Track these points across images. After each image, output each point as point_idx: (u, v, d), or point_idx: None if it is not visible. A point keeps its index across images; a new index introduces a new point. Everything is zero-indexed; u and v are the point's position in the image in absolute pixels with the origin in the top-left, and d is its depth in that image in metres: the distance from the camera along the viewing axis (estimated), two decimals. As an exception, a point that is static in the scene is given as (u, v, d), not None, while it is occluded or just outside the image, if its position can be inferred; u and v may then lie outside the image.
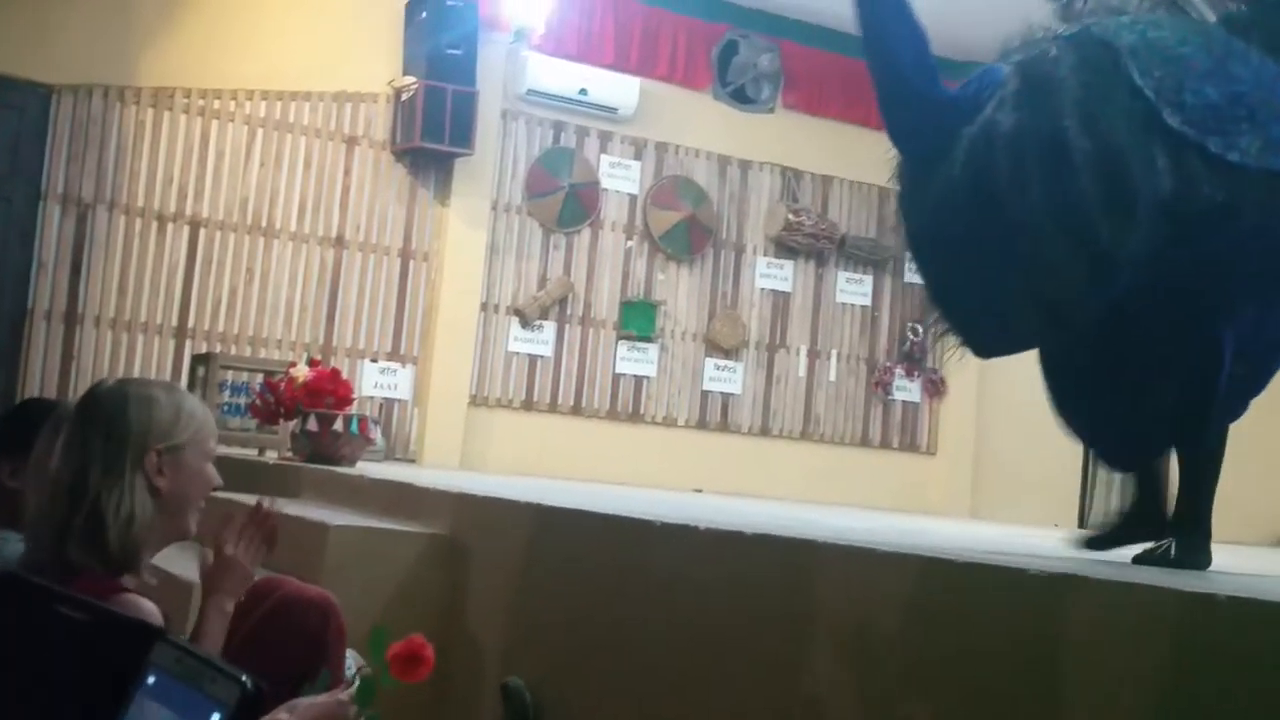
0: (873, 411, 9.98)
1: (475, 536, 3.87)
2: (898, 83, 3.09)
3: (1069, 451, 10.72)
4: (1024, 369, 11.33)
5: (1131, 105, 2.84)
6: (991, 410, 10.24)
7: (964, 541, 3.88)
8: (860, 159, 9.92)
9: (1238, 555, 5.99)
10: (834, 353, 9.86)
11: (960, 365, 10.87)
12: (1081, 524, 10.58)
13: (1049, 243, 2.84)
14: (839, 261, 9.89)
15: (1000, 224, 2.89)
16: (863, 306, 9.98)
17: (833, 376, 9.84)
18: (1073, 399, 3.30)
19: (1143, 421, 3.16)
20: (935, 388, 10.12)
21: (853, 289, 9.95)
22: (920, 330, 10.09)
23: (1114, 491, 10.88)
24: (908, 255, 3.32)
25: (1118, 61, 2.89)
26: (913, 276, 10.05)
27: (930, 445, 10.13)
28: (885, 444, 10.01)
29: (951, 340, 3.29)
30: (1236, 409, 3.19)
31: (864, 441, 9.93)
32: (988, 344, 3.36)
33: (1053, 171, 2.82)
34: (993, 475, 10.22)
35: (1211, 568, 3.14)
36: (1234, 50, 2.97)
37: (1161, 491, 3.27)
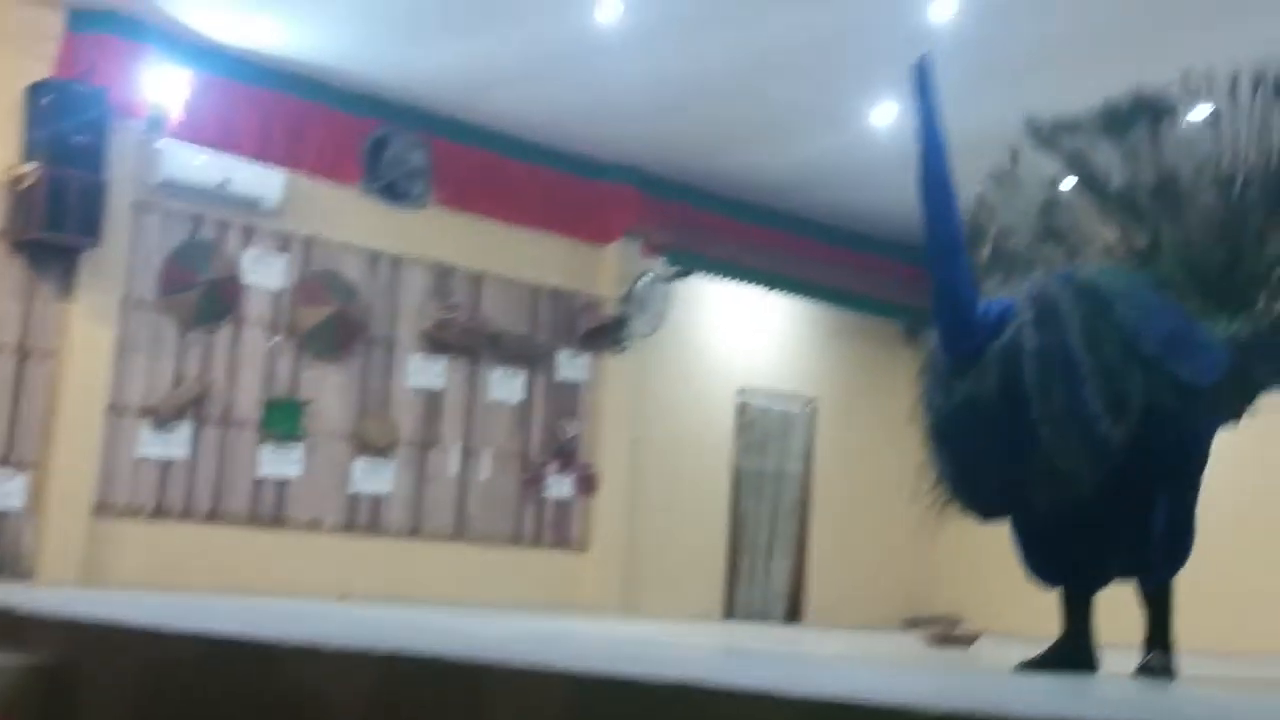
0: (525, 508, 9.97)
1: (85, 667, 3.54)
2: (960, 308, 3.97)
3: (716, 545, 11.17)
4: (676, 462, 11.58)
5: (1117, 334, 3.95)
6: (643, 505, 10.45)
7: (611, 645, 3.86)
8: (512, 256, 10.02)
9: (875, 640, 6.27)
10: (487, 450, 9.81)
11: (611, 459, 11.00)
12: (729, 614, 10.90)
13: (1065, 431, 3.83)
14: (492, 358, 9.89)
15: (1024, 417, 3.83)
16: (516, 403, 9.99)
17: (486, 474, 9.78)
18: (1051, 548, 4.32)
19: (1106, 562, 4.24)
20: (587, 483, 10.22)
21: (505, 386, 9.96)
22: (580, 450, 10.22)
23: (754, 584, 11.33)
24: (928, 439, 4.19)
25: (1106, 301, 4.00)
26: (564, 373, 10.19)
27: (582, 541, 10.20)
28: (537, 541, 10.00)
29: (953, 506, 4.19)
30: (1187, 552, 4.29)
31: (516, 539, 9.90)
32: (993, 510, 4.24)
33: (1066, 379, 3.85)
34: (645, 569, 10.39)
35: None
36: (1161, 296, 4.26)
37: (1093, 625, 4.37)
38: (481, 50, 8.39)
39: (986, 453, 3.99)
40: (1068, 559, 4.31)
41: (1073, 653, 4.31)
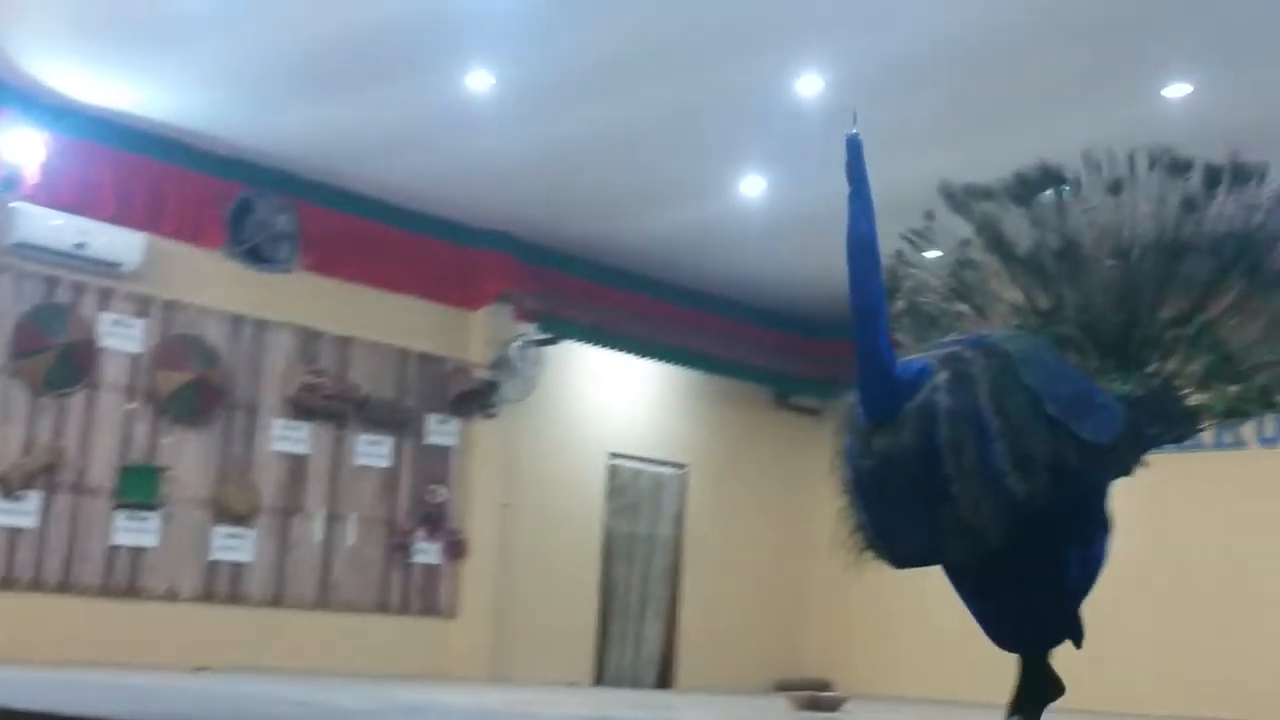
0: (392, 575, 9.80)
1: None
2: (882, 370, 4.17)
3: (587, 611, 11.13)
4: (546, 527, 11.55)
5: (1024, 396, 4.21)
6: (513, 570, 10.35)
7: (478, 714, 3.81)
8: (380, 321, 9.93)
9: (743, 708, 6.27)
10: (353, 516, 9.64)
11: (480, 525, 10.92)
12: (600, 680, 10.82)
13: (975, 487, 4.05)
14: (359, 423, 9.75)
15: (938, 472, 4.06)
16: (383, 468, 9.85)
17: (352, 540, 9.61)
18: (975, 597, 4.51)
19: (1026, 614, 4.47)
20: (456, 549, 10.10)
21: (373, 451, 9.82)
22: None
23: (625, 649, 11.30)
24: (846, 491, 4.35)
25: (1013, 365, 4.28)
26: (433, 438, 10.09)
27: (451, 607, 10.06)
28: (405, 608, 9.84)
29: (869, 553, 4.33)
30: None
31: (383, 607, 9.72)
32: (907, 558, 4.39)
33: (977, 438, 4.09)
34: (515, 635, 10.29)
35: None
36: (1061, 359, 4.59)
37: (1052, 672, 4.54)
38: (350, 114, 8.35)
39: (902, 505, 4.19)
40: (999, 616, 4.54)
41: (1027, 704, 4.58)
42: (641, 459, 11.51)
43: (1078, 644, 4.57)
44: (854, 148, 4.30)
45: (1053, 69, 7.24)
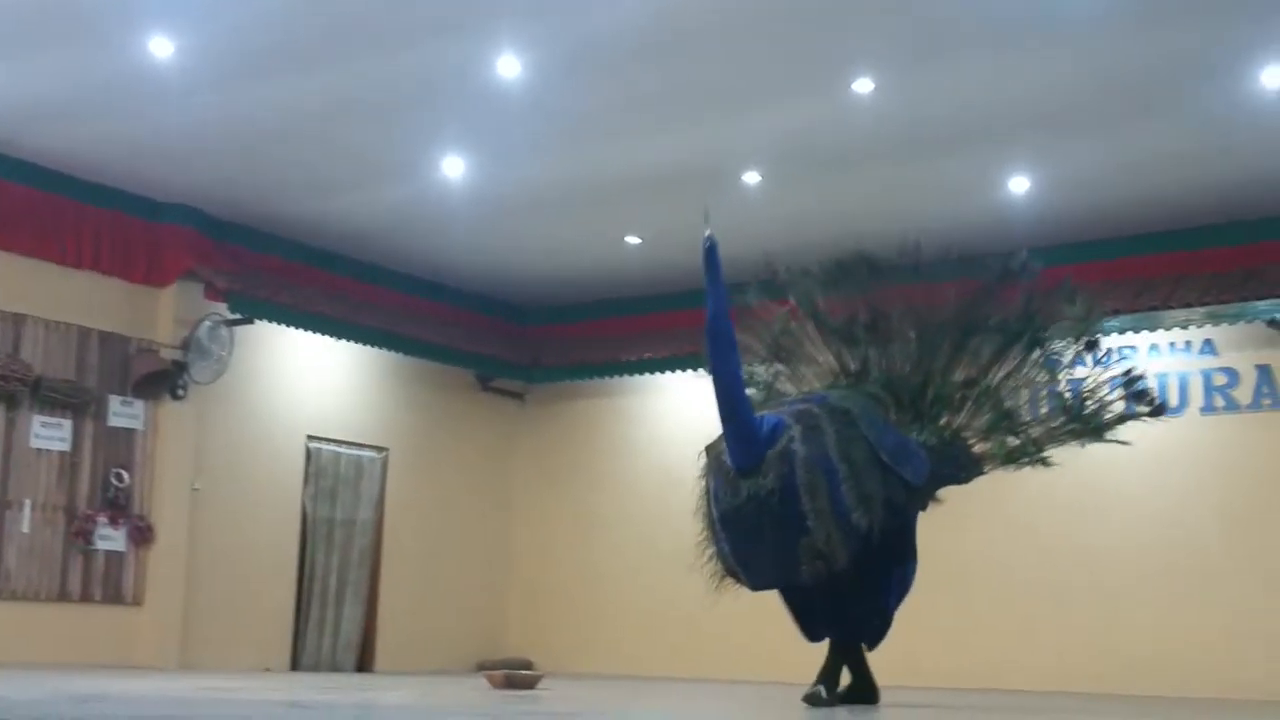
0: (72, 563, 9.34)
1: None
2: (745, 425, 5.10)
3: (284, 596, 10.88)
4: (240, 511, 11.22)
5: (863, 446, 5.29)
6: (204, 556, 10.03)
7: (157, 704, 3.70)
8: (56, 297, 9.43)
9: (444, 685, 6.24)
10: (28, 502, 9.12)
11: (168, 510, 10.51)
12: (295, 666, 10.61)
13: (826, 522, 5.06)
14: (34, 405, 9.22)
15: (795, 510, 5.05)
16: (61, 452, 9.36)
17: (26, 527, 9.10)
18: (810, 608, 5.61)
19: (856, 619, 5.64)
20: (142, 535, 9.70)
21: (50, 434, 9.32)
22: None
23: (324, 633, 11.10)
24: (713, 526, 5.32)
25: (853, 420, 5.37)
26: (116, 420, 9.66)
27: (136, 595, 9.66)
28: (86, 597, 9.39)
29: (728, 579, 5.37)
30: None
31: (62, 595, 9.25)
32: (763, 583, 5.42)
33: (828, 480, 5.10)
34: (206, 622, 9.98)
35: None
36: (884, 415, 5.70)
37: (840, 666, 5.73)
38: (21, 78, 7.86)
39: (763, 537, 5.10)
40: (825, 619, 5.61)
41: (864, 690, 5.75)
42: (341, 442, 11.33)
43: (873, 645, 5.73)
44: (710, 250, 5.11)
45: (745, 59, 7.47)
